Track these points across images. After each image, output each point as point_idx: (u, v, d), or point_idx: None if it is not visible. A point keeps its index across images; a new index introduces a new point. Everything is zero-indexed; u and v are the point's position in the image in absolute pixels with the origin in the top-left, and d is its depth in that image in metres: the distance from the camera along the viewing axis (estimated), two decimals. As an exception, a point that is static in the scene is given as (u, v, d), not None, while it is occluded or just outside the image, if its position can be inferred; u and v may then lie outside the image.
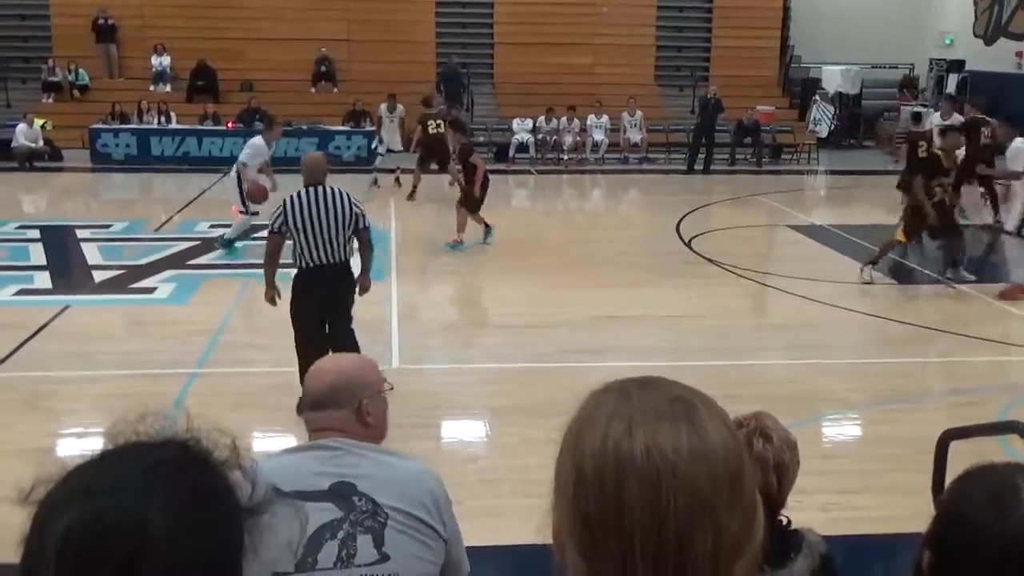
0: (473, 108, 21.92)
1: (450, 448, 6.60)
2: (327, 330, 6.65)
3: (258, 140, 11.70)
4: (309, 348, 6.40)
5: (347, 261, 6.63)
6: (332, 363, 2.68)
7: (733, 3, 23.63)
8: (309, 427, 2.58)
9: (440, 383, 7.62)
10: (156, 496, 0.99)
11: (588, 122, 20.43)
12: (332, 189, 6.58)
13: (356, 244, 6.74)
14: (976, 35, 23.77)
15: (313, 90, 21.81)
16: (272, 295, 6.76)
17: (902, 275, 11.39)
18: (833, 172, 20.69)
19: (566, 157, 20.25)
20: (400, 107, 17.87)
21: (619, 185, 18.83)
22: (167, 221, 13.81)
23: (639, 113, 20.78)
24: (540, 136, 20.49)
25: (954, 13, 24.30)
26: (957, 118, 15.51)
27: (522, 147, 20.42)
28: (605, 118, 20.50)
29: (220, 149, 18.73)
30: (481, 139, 21.20)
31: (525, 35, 22.70)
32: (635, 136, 20.69)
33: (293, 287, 6.62)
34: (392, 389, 2.76)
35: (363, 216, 6.64)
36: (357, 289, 6.85)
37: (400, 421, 6.01)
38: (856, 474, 5.99)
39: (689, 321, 9.14)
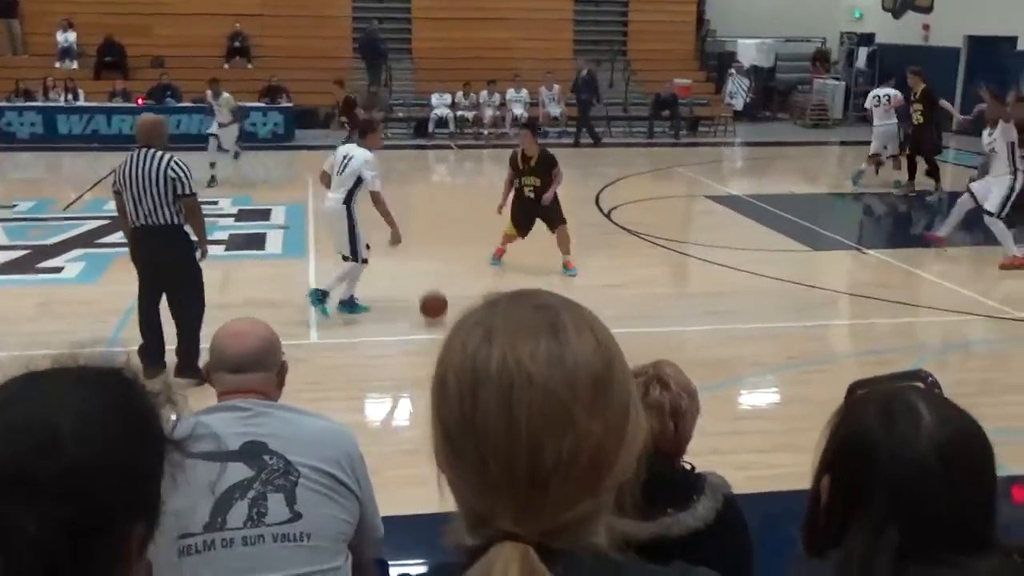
0: (391, 83, 21.70)
1: (370, 420, 6.56)
2: (168, 300, 6.75)
3: (368, 157, 8.44)
4: (142, 306, 6.74)
5: (173, 225, 6.56)
6: (249, 326, 2.62)
7: (649, -23, 23.79)
8: (221, 389, 2.52)
9: (360, 356, 7.55)
10: (70, 406, 1.01)
11: (507, 96, 20.39)
12: (155, 153, 6.53)
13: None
14: (885, 9, 24.32)
15: (226, 66, 21.32)
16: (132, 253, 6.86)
17: (815, 241, 11.62)
18: (749, 144, 21.01)
19: (486, 132, 20.19)
20: (227, 95, 15.07)
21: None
22: (76, 200, 13.41)
23: (557, 87, 20.80)
24: (459, 111, 20.39)
25: (864, -13, 24.82)
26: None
27: (441, 122, 20.30)
28: (524, 92, 20.48)
29: (130, 127, 18.14)
30: (400, 115, 21.05)
31: (443, 9, 22.52)
32: (554, 110, 20.71)
33: (129, 247, 6.82)
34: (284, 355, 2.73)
35: (181, 182, 6.50)
36: (198, 255, 6.87)
37: (319, 395, 6.00)
38: (773, 433, 6.11)
39: (609, 291, 9.19)
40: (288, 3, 21.89)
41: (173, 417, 1.11)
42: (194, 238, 6.81)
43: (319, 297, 8.19)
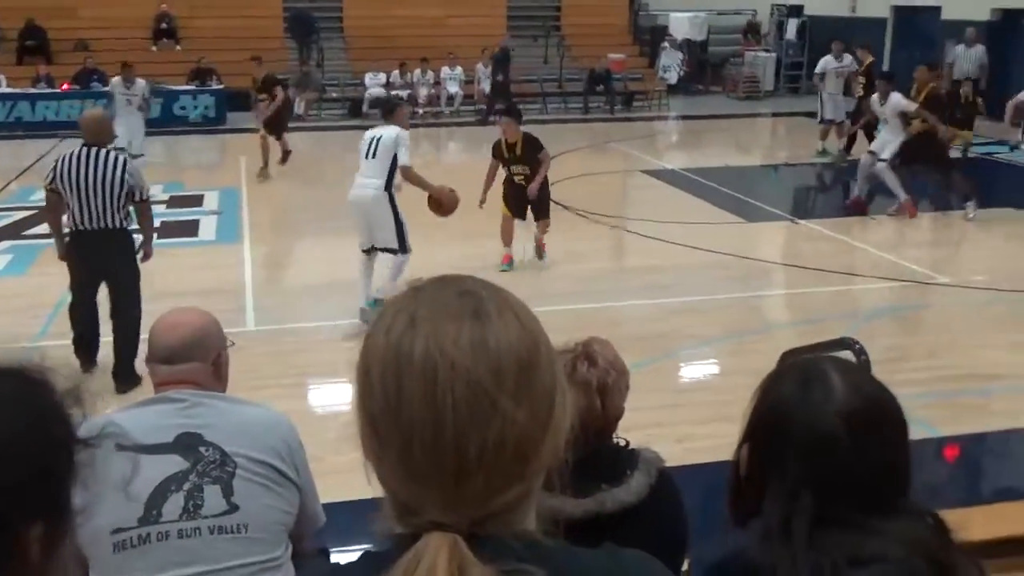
0: (324, 63, 21.43)
1: (310, 406, 6.51)
2: (110, 300, 6.49)
3: (400, 132, 7.82)
4: (77, 312, 6.50)
5: (120, 228, 6.34)
6: (184, 316, 2.58)
7: (581, -48, 23.75)
8: (157, 380, 2.49)
9: (297, 342, 7.48)
10: None
11: (442, 74, 20.27)
12: (107, 154, 6.27)
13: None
14: (813, -20, 24.57)
15: (154, 48, 20.86)
16: (60, 252, 6.56)
17: (750, 213, 11.77)
18: (683, 117, 21.16)
19: (421, 111, 20.05)
20: (143, 82, 14.33)
21: (475, 137, 18.74)
22: (1, 190, 13.07)
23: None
24: (393, 90, 20.21)
25: (792, -41, 25.05)
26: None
27: (376, 102, 20.08)
28: (459, 70, 20.38)
29: (56, 113, 17.80)
30: (334, 95, 20.81)
31: (374, -14, 22.26)
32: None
33: (67, 248, 6.48)
34: (234, 345, 2.69)
35: (138, 188, 6.33)
36: (140, 256, 6.67)
37: (257, 383, 5.93)
38: (711, 404, 6.20)
39: (547, 267, 9.24)
40: (215, -17, 21.47)
41: (81, 416, 1.09)
42: (137, 238, 6.63)
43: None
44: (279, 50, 21.27)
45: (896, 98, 11.50)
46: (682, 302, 8.44)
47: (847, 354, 3.48)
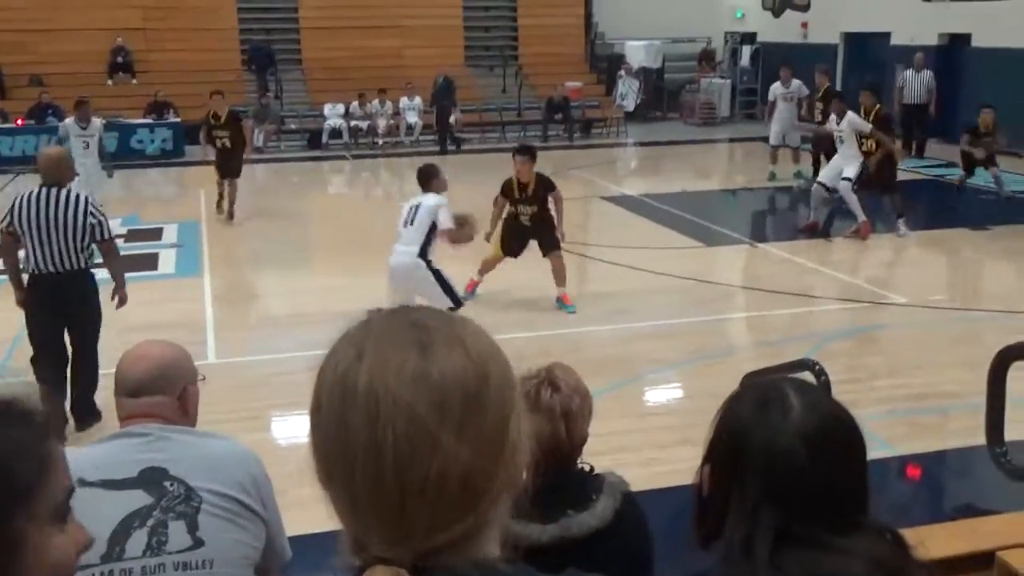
0: (282, 95, 21.43)
1: (272, 438, 6.45)
2: (69, 341, 6.31)
3: (440, 199, 7.70)
4: (41, 358, 6.24)
5: (83, 270, 6.16)
6: (151, 349, 2.56)
7: (537, -18, 24.01)
8: (123, 414, 2.46)
9: (259, 375, 7.43)
10: None
11: (401, 105, 20.33)
12: (68, 193, 6.06)
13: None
14: (765, 8, 25.05)
15: (110, 82, 20.77)
16: (19, 298, 6.31)
17: (710, 237, 11.89)
18: (641, 144, 21.37)
19: (381, 141, 20.09)
20: (98, 121, 12.78)
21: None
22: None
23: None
24: (353, 121, 20.26)
25: (744, -13, 25.52)
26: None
27: (335, 133, 20.14)
28: (418, 100, 20.45)
29: (10, 148, 17.61)
30: (293, 126, 20.80)
31: (331, 18, 22.34)
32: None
33: (27, 292, 6.25)
34: (204, 379, 2.67)
35: (101, 226, 6.11)
36: (115, 302, 6.48)
37: (219, 416, 5.87)
38: (675, 428, 6.23)
39: (509, 295, 9.26)
40: (172, 16, 21.43)
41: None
42: (101, 277, 6.43)
43: None
44: (237, 83, 21.24)
45: (852, 116, 11.69)
46: (644, 327, 8.50)
47: (807, 375, 3.53)
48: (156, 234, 12.35)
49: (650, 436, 6.12)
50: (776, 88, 15.95)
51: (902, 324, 8.74)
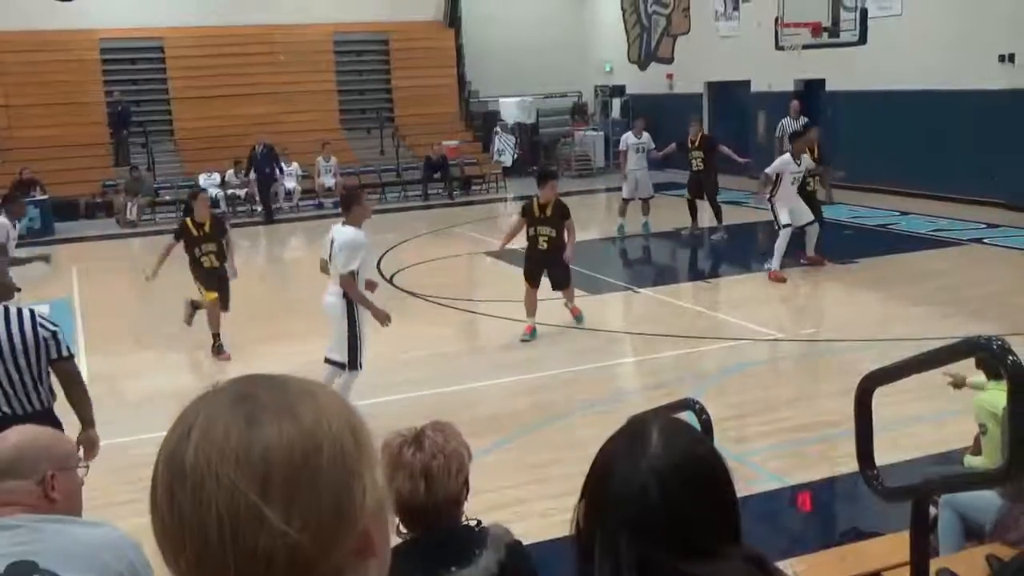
0: (155, 167, 21.03)
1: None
2: None
3: (350, 231, 7.28)
4: None
5: (46, 410, 4.90)
6: (10, 433, 2.46)
7: (408, 45, 24.28)
8: None
9: (141, 454, 7.14)
10: None
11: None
12: (13, 312, 4.83)
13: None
14: (631, 61, 25.87)
15: (-29, 162, 20.05)
16: None
17: (593, 286, 12.09)
18: (521, 198, 21.58)
19: (259, 208, 19.86)
20: None
21: (316, 231, 18.65)
22: None
23: (334, 158, 20.83)
24: (230, 190, 19.98)
25: (611, 42, 26.33)
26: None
27: (212, 202, 19.79)
28: (295, 166, 20.34)
29: None
30: (167, 197, 20.39)
31: (202, 88, 22.12)
32: (329, 181, 20.67)
33: None
34: (87, 469, 2.57)
35: (56, 341, 4.81)
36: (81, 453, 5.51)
37: (101, 501, 5.66)
38: (570, 476, 6.23)
39: (400, 355, 9.21)
40: (36, 92, 20.86)
41: None
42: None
43: None
44: (104, 156, 20.84)
45: (806, 158, 12.19)
46: (536, 377, 8.57)
47: (689, 414, 3.63)
48: (27, 316, 11.87)
49: (546, 487, 6.15)
50: (628, 138, 16.00)
51: (779, 358, 9.05)
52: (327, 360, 7.40)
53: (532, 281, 9.81)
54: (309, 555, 0.94)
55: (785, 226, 11.81)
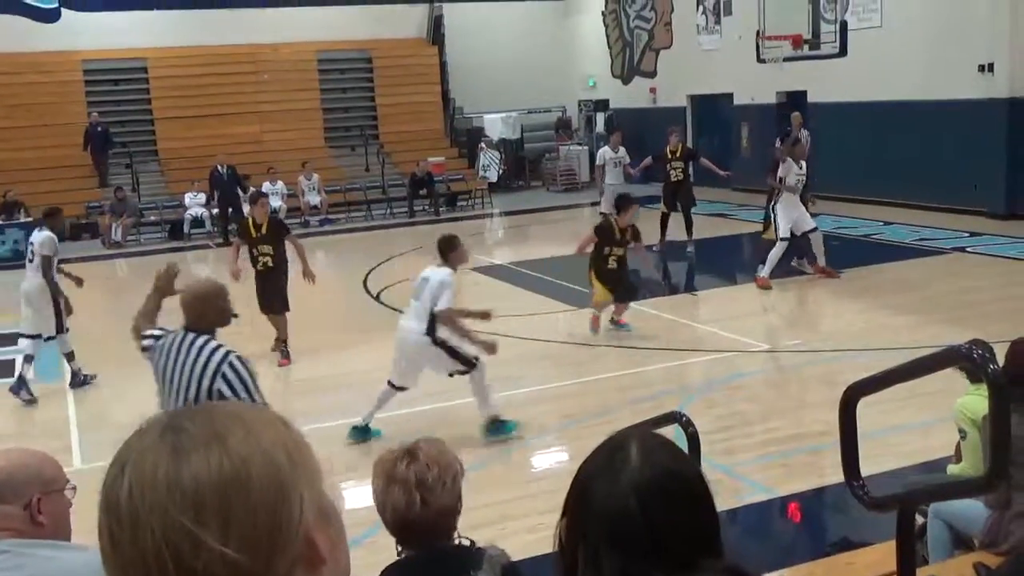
0: (139, 187, 20.98)
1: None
2: None
3: (444, 272, 7.48)
4: None
5: None
6: (2, 455, 2.44)
7: (392, 63, 24.33)
8: None
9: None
10: None
11: (263, 189, 20.12)
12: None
13: None
14: (614, 76, 25.99)
15: (-47, 185, 19.94)
16: None
17: (579, 300, 12.09)
18: (507, 213, 21.70)
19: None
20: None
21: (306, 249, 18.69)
22: None
23: (316, 176, 20.81)
24: (215, 209, 19.94)
25: (595, 57, 26.45)
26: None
27: (197, 222, 19.79)
28: (280, 184, 20.33)
29: None
30: (152, 218, 20.34)
31: (185, 108, 22.12)
32: (314, 199, 20.67)
33: None
34: (75, 489, 2.56)
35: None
36: None
37: (90, 525, 5.63)
38: (559, 491, 6.19)
39: (381, 374, 9.19)
40: (20, 114, 20.85)
41: None
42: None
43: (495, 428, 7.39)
44: (89, 178, 20.79)
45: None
46: (523, 393, 8.56)
47: (674, 427, 3.63)
48: (11, 340, 11.79)
49: (534, 503, 6.13)
50: (606, 152, 16.04)
51: (766, 370, 9.07)
52: (451, 374, 7.59)
53: (611, 294, 10.31)
54: (250, 570, 0.96)
55: (783, 239, 11.87)
